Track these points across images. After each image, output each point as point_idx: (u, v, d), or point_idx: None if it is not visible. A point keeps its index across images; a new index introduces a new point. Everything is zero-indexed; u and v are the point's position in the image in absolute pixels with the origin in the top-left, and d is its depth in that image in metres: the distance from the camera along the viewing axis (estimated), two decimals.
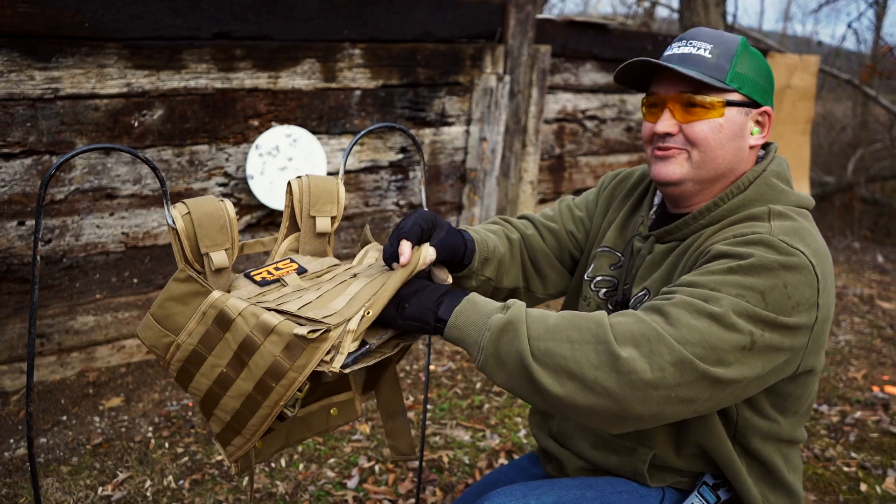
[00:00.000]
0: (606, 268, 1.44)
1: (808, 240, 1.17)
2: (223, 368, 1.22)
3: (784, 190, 1.27)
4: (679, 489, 1.33)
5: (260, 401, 1.21)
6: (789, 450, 1.34)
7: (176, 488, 2.28)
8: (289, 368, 1.16)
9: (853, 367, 3.42)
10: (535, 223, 1.57)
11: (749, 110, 1.27)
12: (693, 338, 1.05)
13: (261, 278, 1.35)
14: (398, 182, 3.69)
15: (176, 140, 2.94)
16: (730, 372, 1.07)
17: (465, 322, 1.13)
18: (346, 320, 1.18)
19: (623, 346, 1.04)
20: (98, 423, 2.67)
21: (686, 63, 1.24)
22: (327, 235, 1.48)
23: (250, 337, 1.18)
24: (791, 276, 1.11)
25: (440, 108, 3.73)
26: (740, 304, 1.08)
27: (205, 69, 2.94)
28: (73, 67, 2.65)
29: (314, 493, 2.27)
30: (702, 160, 1.26)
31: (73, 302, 2.89)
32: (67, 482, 2.29)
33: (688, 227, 1.29)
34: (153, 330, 1.25)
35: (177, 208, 1.26)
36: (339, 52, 3.29)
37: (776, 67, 4.33)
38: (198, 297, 1.23)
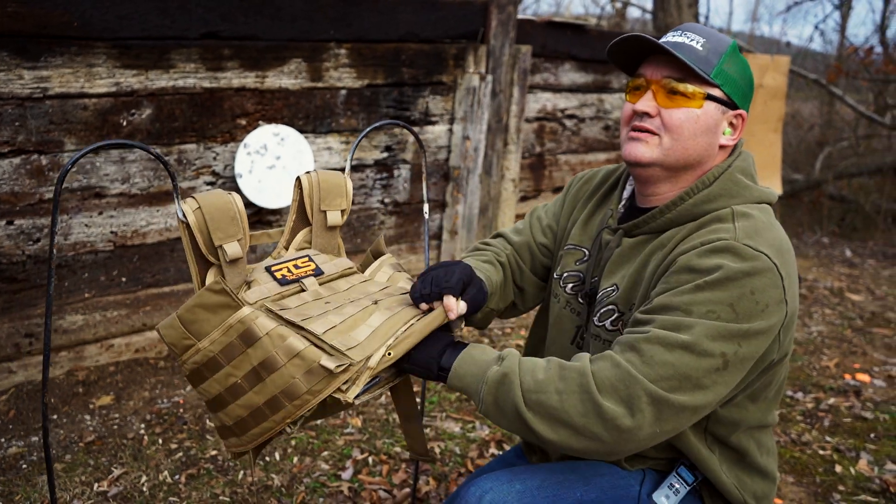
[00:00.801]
0: (572, 264, 1.50)
1: (770, 238, 1.23)
2: (238, 379, 1.25)
3: (748, 185, 1.33)
4: (658, 470, 1.40)
5: (268, 415, 1.25)
6: (761, 434, 1.40)
7: (172, 483, 2.30)
8: (305, 391, 1.20)
9: (825, 356, 3.54)
10: (510, 241, 1.65)
11: (726, 110, 1.32)
12: (666, 373, 1.13)
13: (281, 276, 1.39)
14: (383, 180, 3.74)
15: (164, 139, 2.96)
16: (708, 395, 1.16)
17: (464, 374, 1.23)
18: (367, 357, 1.23)
19: (604, 393, 1.13)
20: (89, 421, 2.68)
21: (677, 50, 1.29)
22: (337, 228, 1.54)
23: (274, 357, 1.22)
24: (756, 282, 1.17)
25: (424, 108, 3.78)
26: (712, 326, 1.15)
27: (193, 69, 2.96)
28: (62, 67, 2.65)
29: (309, 485, 2.31)
30: (672, 147, 1.30)
31: (61, 301, 2.89)
32: (63, 479, 2.30)
33: (655, 221, 1.34)
34: (177, 331, 1.28)
35: (187, 203, 1.30)
36: (324, 52, 3.33)
37: None
38: (227, 309, 1.25)
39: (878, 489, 2.35)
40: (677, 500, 1.36)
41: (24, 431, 2.59)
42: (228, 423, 1.30)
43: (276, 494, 2.26)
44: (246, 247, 1.35)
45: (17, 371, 2.85)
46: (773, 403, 1.40)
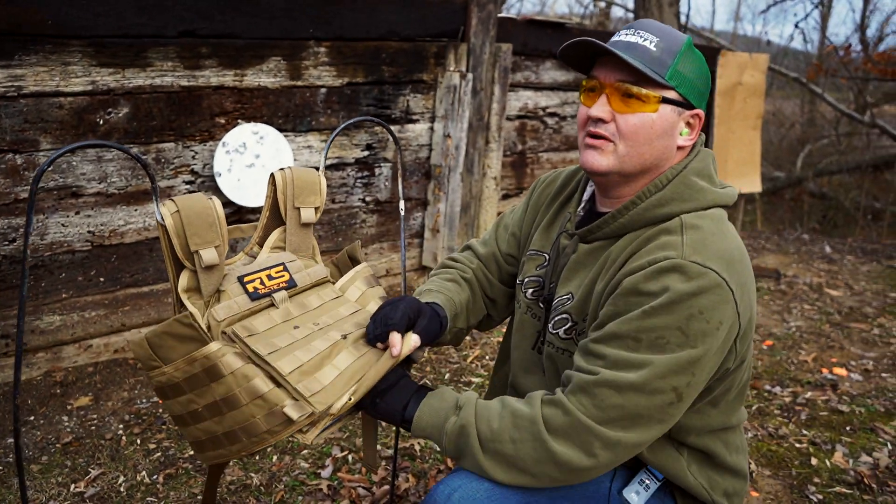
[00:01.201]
0: (533, 269, 1.49)
1: (719, 250, 1.21)
2: (199, 408, 1.25)
3: (702, 189, 1.30)
4: (628, 466, 1.40)
5: (225, 444, 1.25)
6: (728, 434, 1.40)
7: (150, 483, 2.29)
8: (264, 431, 1.21)
9: (804, 350, 3.58)
10: (477, 254, 1.65)
11: (682, 111, 1.29)
12: (616, 415, 1.15)
13: (252, 288, 1.38)
14: (364, 179, 3.74)
15: (142, 138, 2.94)
16: (664, 426, 1.19)
17: (426, 425, 1.27)
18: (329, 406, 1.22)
19: (556, 440, 1.16)
20: (67, 422, 2.66)
21: (630, 52, 1.26)
22: (311, 226, 1.53)
23: (236, 396, 1.21)
24: (705, 300, 1.16)
25: (405, 106, 3.78)
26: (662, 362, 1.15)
27: (170, 67, 2.94)
28: (37, 65, 2.63)
29: (289, 484, 2.31)
30: (628, 153, 1.27)
31: (38, 301, 2.87)
32: (39, 480, 2.29)
33: (609, 226, 1.32)
34: (144, 351, 1.27)
35: (166, 206, 1.29)
36: (304, 50, 3.32)
37: (728, 66, 4.49)
38: (194, 342, 1.24)
39: (853, 481, 2.38)
40: (647, 495, 1.36)
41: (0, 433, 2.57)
42: (189, 441, 1.31)
43: (254, 493, 2.26)
44: (224, 253, 1.35)
45: None
46: (736, 405, 1.40)
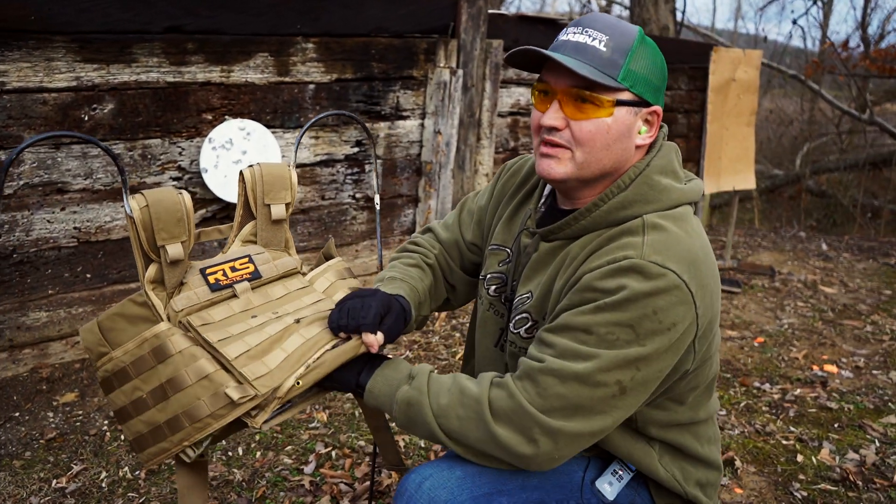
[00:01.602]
0: (496, 265, 1.47)
1: (681, 252, 1.18)
2: (144, 394, 1.25)
3: (665, 187, 1.27)
4: (603, 457, 1.39)
5: (166, 434, 1.24)
6: (698, 427, 1.39)
7: (132, 479, 2.29)
8: (208, 414, 1.20)
9: (795, 347, 3.56)
10: (439, 238, 1.63)
11: (639, 110, 1.24)
12: (559, 404, 1.14)
13: (214, 280, 1.37)
14: (354, 175, 3.73)
15: (128, 134, 2.94)
16: (606, 419, 1.17)
17: (378, 393, 1.27)
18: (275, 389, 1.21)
19: (499, 423, 1.17)
20: (52, 418, 2.65)
21: (580, 54, 1.21)
22: (283, 221, 1.52)
23: (182, 375, 1.22)
24: (660, 301, 1.14)
25: (395, 102, 3.77)
26: (607, 356, 1.14)
27: (156, 63, 2.94)
28: (20, 61, 2.63)
29: (271, 479, 2.30)
30: (585, 160, 1.24)
31: (24, 298, 2.86)
32: (20, 475, 2.28)
33: (570, 228, 1.30)
34: (95, 336, 1.28)
35: (135, 199, 1.29)
36: (291, 46, 3.31)
37: (721, 62, 4.47)
38: (146, 322, 1.26)
39: (839, 477, 2.37)
40: (620, 486, 1.35)
41: None
42: (129, 438, 1.30)
43: (236, 489, 2.25)
44: (189, 248, 1.35)
45: None
46: (704, 400, 1.38)
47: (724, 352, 3.45)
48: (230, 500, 2.19)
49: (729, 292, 4.44)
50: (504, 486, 1.27)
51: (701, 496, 1.38)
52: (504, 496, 1.26)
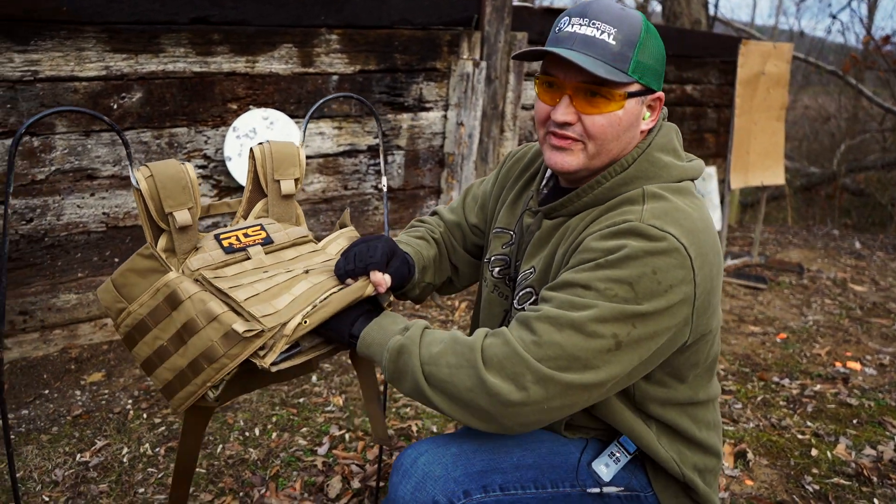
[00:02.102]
0: (499, 247, 1.49)
1: (680, 219, 1.19)
2: (164, 342, 1.30)
3: (667, 164, 1.29)
4: (601, 440, 1.40)
5: (190, 377, 1.29)
6: (697, 410, 1.39)
7: (152, 455, 2.36)
8: (222, 355, 1.25)
9: (818, 344, 3.51)
10: (444, 220, 1.66)
11: (645, 98, 1.27)
12: (553, 352, 1.12)
13: (228, 244, 1.42)
14: (376, 166, 3.77)
15: (155, 122, 3.02)
16: (600, 374, 1.14)
17: (371, 342, 1.26)
18: (282, 324, 1.26)
19: (490, 369, 1.14)
20: (79, 396, 2.75)
21: (589, 48, 1.20)
22: (293, 197, 1.57)
23: (194, 320, 1.26)
24: (660, 262, 1.14)
25: (418, 94, 3.81)
26: (606, 308, 1.13)
27: (183, 53, 3.01)
28: (52, 50, 2.72)
29: (285, 459, 2.36)
30: (597, 152, 1.26)
31: (55, 280, 2.97)
32: (47, 449, 2.37)
33: (572, 205, 1.32)
34: (111, 294, 1.33)
35: (140, 171, 1.34)
36: (315, 37, 3.36)
37: (749, 55, 4.41)
38: (156, 273, 1.30)
39: (853, 472, 2.34)
40: (617, 468, 1.36)
41: (15, 405, 2.67)
42: (159, 387, 1.35)
43: (251, 467, 2.31)
44: (197, 215, 1.39)
45: (13, 347, 2.94)
46: (704, 380, 1.38)
47: (745, 346, 3.42)
48: (245, 478, 2.25)
49: (754, 288, 4.39)
50: (499, 465, 1.29)
51: (698, 481, 1.38)
52: (498, 474, 1.28)
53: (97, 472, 2.26)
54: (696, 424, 1.39)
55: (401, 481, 1.26)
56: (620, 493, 1.35)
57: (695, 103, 5.75)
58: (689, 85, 5.64)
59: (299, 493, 2.18)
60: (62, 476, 2.23)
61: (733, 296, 4.26)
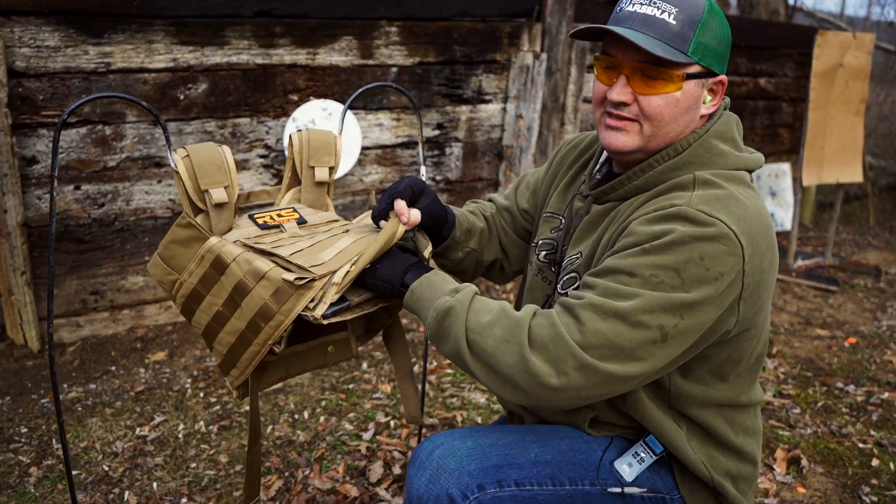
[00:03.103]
0: (548, 232, 1.47)
1: (731, 206, 1.15)
2: (220, 307, 1.33)
3: (723, 152, 1.26)
4: (627, 438, 1.36)
5: (251, 338, 1.32)
6: (735, 413, 1.34)
7: (205, 432, 2.46)
8: (276, 311, 1.27)
9: (890, 350, 3.34)
10: (496, 203, 1.67)
11: (706, 81, 1.24)
12: (597, 341, 1.10)
13: (262, 221, 1.45)
14: (434, 157, 3.79)
15: (219, 113, 3.13)
16: (643, 366, 1.11)
17: (419, 297, 1.25)
18: (331, 272, 1.28)
19: (534, 350, 1.12)
20: (142, 373, 2.88)
21: (648, 27, 1.19)
22: (326, 185, 1.60)
23: (243, 281, 1.29)
24: (708, 247, 1.11)
25: (477, 86, 3.81)
26: (651, 297, 1.10)
27: (246, 45, 3.10)
28: (124, 43, 2.85)
29: (330, 443, 2.41)
30: (653, 133, 1.24)
31: (124, 263, 3.12)
32: (110, 422, 2.50)
33: (622, 188, 1.30)
34: (160, 268, 1.39)
35: (177, 152, 1.39)
36: (375, 29, 3.41)
37: (827, 46, 4.21)
38: (197, 241, 1.34)
39: None
40: (641, 468, 1.32)
41: (84, 379, 2.83)
42: (223, 353, 1.38)
43: (297, 449, 2.38)
44: (233, 195, 1.42)
45: (84, 325, 3.10)
46: (746, 381, 1.33)
47: (809, 350, 3.28)
48: (291, 459, 2.32)
49: (825, 290, 4.20)
50: (515, 460, 1.27)
51: (730, 488, 1.33)
52: (514, 469, 1.26)
53: (154, 446, 2.37)
54: (733, 428, 1.34)
55: (416, 473, 1.26)
56: (644, 494, 1.31)
57: (768, 97, 5.54)
58: (762, 78, 5.43)
59: (341, 475, 2.23)
60: (122, 448, 2.35)
61: (801, 297, 4.09)
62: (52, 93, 2.78)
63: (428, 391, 2.77)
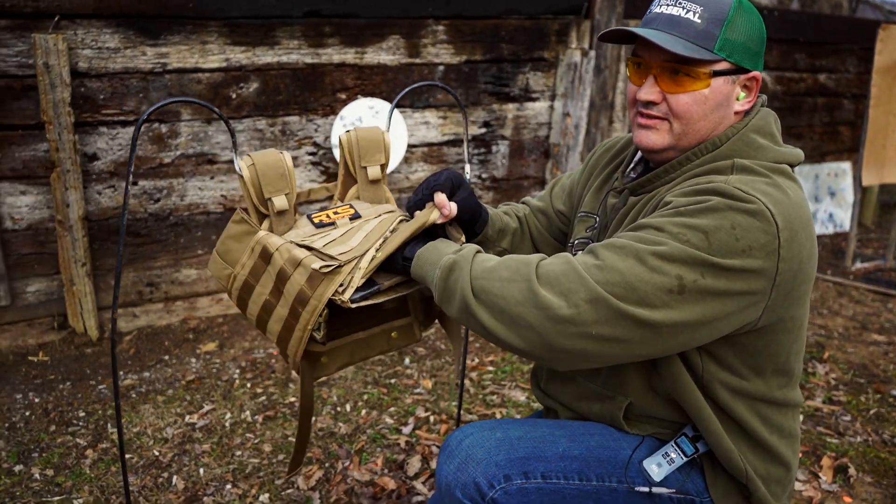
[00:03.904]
0: (583, 231, 1.48)
1: (770, 190, 1.15)
2: (267, 296, 1.41)
3: (762, 146, 1.25)
4: (660, 438, 1.35)
5: (293, 324, 1.39)
6: (769, 410, 1.31)
7: (251, 422, 2.54)
8: (311, 296, 1.34)
9: None
10: (530, 205, 1.68)
11: (737, 77, 1.24)
12: (613, 278, 1.09)
13: (318, 220, 1.52)
14: (481, 155, 3.81)
15: (269, 111, 3.21)
16: (656, 314, 1.09)
17: (424, 262, 1.27)
18: (357, 258, 1.34)
19: (544, 284, 1.11)
20: (194, 363, 2.99)
21: (673, 28, 1.21)
22: (380, 181, 1.64)
23: (283, 269, 1.36)
24: (741, 218, 1.10)
25: (524, 84, 3.80)
26: (676, 247, 1.09)
27: (296, 45, 3.18)
28: (179, 44, 2.95)
29: (371, 436, 2.46)
30: (683, 131, 1.26)
31: (178, 256, 3.23)
32: (161, 409, 2.60)
33: (659, 180, 1.30)
34: (217, 263, 1.46)
35: (243, 160, 1.46)
36: (422, 28, 3.44)
37: (890, 40, 4.05)
38: (249, 235, 1.42)
39: None
40: (670, 469, 1.31)
41: (139, 367, 2.95)
42: (275, 342, 1.46)
43: (339, 440, 2.43)
44: (293, 201, 1.49)
45: (140, 316, 3.23)
46: (783, 378, 1.31)
47: (863, 356, 3.18)
48: (332, 450, 2.37)
49: (884, 294, 4.05)
50: (543, 454, 1.29)
51: (761, 488, 1.31)
52: (541, 462, 1.27)
53: (202, 434, 2.46)
54: (766, 426, 1.32)
55: (446, 461, 1.29)
56: (672, 494, 1.30)
57: (828, 93, 5.36)
58: (822, 74, 5.26)
59: (380, 468, 2.27)
60: (172, 434, 2.44)
61: (859, 301, 3.96)
62: (111, 92, 2.90)
63: (468, 387, 2.79)
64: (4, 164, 2.81)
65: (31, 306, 3.03)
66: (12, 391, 2.76)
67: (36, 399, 2.69)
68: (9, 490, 2.15)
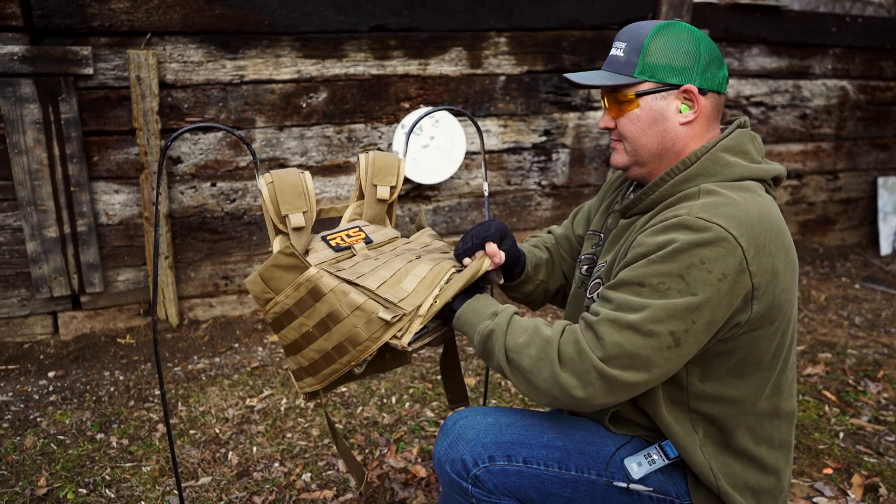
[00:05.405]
0: (589, 248, 1.61)
1: (731, 212, 1.24)
2: (310, 328, 1.47)
3: (730, 163, 1.34)
4: (646, 440, 1.44)
5: (336, 357, 1.47)
6: (759, 421, 1.37)
7: (303, 408, 2.75)
8: (366, 339, 1.42)
9: None
10: (554, 234, 1.82)
11: (666, 94, 1.36)
12: (616, 353, 1.23)
13: (335, 243, 1.60)
14: (540, 163, 3.90)
15: (337, 119, 3.43)
16: (661, 370, 1.24)
17: (464, 321, 1.43)
18: (417, 307, 1.42)
19: (563, 366, 1.27)
20: (260, 352, 3.24)
21: (610, 65, 1.41)
22: (386, 203, 1.75)
23: (338, 310, 1.43)
24: (707, 252, 1.21)
25: (585, 93, 3.87)
26: (660, 306, 1.22)
27: (363, 58, 3.38)
28: (255, 57, 3.21)
29: (411, 427, 2.62)
30: (632, 149, 1.42)
31: (251, 252, 3.50)
32: (226, 392, 2.86)
33: (641, 203, 1.42)
34: (259, 286, 1.52)
35: (264, 177, 1.56)
36: (484, 40, 3.57)
37: None
38: (296, 269, 1.46)
39: None
40: (650, 469, 1.39)
41: (211, 353, 3.23)
42: (304, 365, 1.54)
43: (380, 429, 2.60)
44: (311, 219, 1.58)
45: (216, 306, 3.52)
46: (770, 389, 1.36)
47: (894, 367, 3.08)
48: (373, 438, 2.55)
49: None
50: (528, 441, 1.41)
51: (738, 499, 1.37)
52: (525, 448, 1.40)
53: (258, 416, 2.69)
54: (754, 437, 1.38)
55: (441, 438, 1.45)
56: (651, 493, 1.39)
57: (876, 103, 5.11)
58: None
59: (414, 457, 2.43)
60: (232, 415, 2.69)
61: None
62: (194, 102, 3.19)
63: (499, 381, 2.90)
64: (101, 166, 3.15)
65: (120, 293, 3.36)
66: (102, 369, 3.09)
67: (121, 377, 3.01)
68: (90, 454, 2.44)
